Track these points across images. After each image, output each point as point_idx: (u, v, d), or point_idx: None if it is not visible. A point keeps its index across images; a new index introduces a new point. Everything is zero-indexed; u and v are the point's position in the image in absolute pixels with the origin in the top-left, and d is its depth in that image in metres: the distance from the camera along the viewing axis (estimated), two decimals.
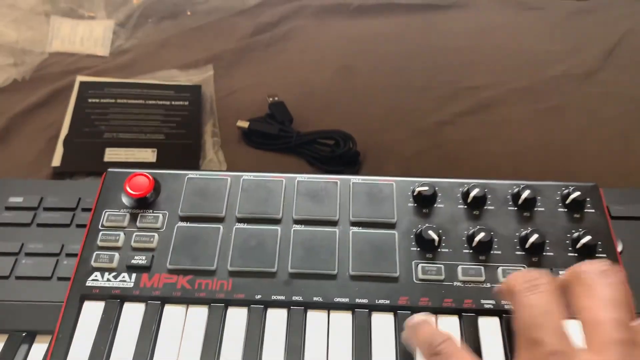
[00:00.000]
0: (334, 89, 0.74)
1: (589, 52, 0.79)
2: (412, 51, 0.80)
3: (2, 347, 0.44)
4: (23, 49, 0.79)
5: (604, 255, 0.41)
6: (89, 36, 0.81)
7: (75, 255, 0.46)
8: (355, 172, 0.65)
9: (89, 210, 0.49)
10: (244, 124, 0.68)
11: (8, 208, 0.51)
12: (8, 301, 0.45)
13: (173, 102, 0.72)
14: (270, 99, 0.70)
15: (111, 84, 0.73)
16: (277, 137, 0.67)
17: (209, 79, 0.76)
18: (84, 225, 0.46)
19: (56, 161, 0.64)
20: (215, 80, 0.76)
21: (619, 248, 0.45)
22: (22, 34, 0.80)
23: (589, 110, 0.72)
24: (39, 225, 0.50)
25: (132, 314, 0.39)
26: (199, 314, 0.39)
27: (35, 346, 0.44)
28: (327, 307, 0.40)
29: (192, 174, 0.46)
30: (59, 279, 0.46)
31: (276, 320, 0.39)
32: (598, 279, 0.32)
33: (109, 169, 0.46)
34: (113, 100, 0.71)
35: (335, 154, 0.66)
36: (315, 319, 0.39)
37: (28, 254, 0.48)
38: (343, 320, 0.39)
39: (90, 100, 0.71)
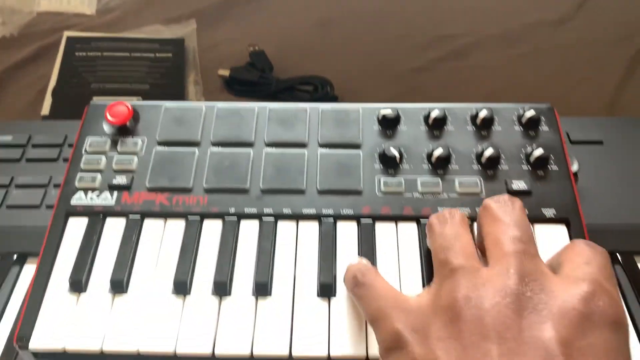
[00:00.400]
0: (313, 39, 0.77)
1: (563, 1, 0.81)
2: (389, 2, 0.82)
3: None
4: (11, 8, 0.81)
5: (556, 168, 0.44)
6: None
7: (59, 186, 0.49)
8: None
9: None
10: (225, 72, 0.70)
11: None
12: None
13: (157, 55, 0.74)
14: (251, 49, 0.73)
15: (97, 39, 0.75)
16: (257, 84, 0.70)
17: (192, 33, 0.78)
18: None
19: (45, 110, 0.67)
20: (198, 34, 0.78)
21: (575, 167, 0.48)
22: None
23: (560, 55, 0.74)
24: (27, 160, 0.53)
25: (114, 228, 0.42)
26: (177, 226, 0.42)
27: (26, 267, 0.47)
28: (296, 218, 0.42)
29: (168, 103, 0.48)
30: (47, 207, 0.49)
31: (249, 229, 0.42)
32: (500, 207, 0.35)
33: (91, 102, 0.49)
34: (99, 54, 0.73)
35: (314, 97, 0.68)
36: (284, 228, 0.42)
37: (18, 186, 0.50)
38: (310, 229, 0.42)
39: (77, 54, 0.73)
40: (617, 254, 0.47)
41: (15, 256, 0.47)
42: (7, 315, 0.44)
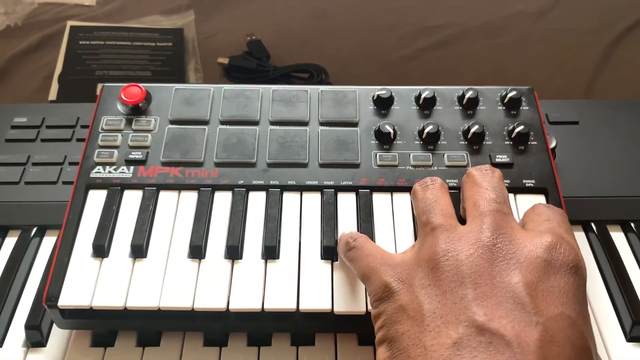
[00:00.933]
0: (308, 28, 0.80)
1: None
2: None
3: (16, 240, 0.50)
4: (13, 0, 0.83)
5: (535, 142, 0.48)
6: None
7: (77, 164, 0.52)
8: None
9: (87, 127, 0.55)
10: (224, 61, 0.74)
11: (14, 127, 0.56)
12: (19, 202, 0.51)
13: (158, 44, 0.77)
14: (249, 38, 0.76)
15: (100, 28, 0.78)
16: (255, 72, 0.74)
17: (191, 23, 0.81)
18: (83, 139, 0.52)
19: (52, 96, 0.70)
20: (197, 24, 0.81)
21: (553, 144, 0.52)
22: None
23: (541, 43, 0.79)
24: (42, 140, 0.56)
25: (131, 199, 0.46)
26: (190, 197, 0.46)
27: (45, 239, 0.50)
28: (300, 189, 0.46)
29: (179, 86, 0.52)
30: (64, 183, 0.52)
31: (256, 200, 0.46)
32: (480, 174, 0.39)
33: (105, 84, 0.52)
34: (102, 43, 0.76)
35: (309, 84, 0.72)
36: (289, 198, 0.46)
37: (35, 164, 0.54)
38: (313, 199, 0.46)
39: (81, 43, 0.76)
40: (592, 223, 0.51)
41: (35, 229, 0.50)
42: (31, 281, 0.47)
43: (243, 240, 0.44)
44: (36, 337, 0.43)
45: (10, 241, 0.50)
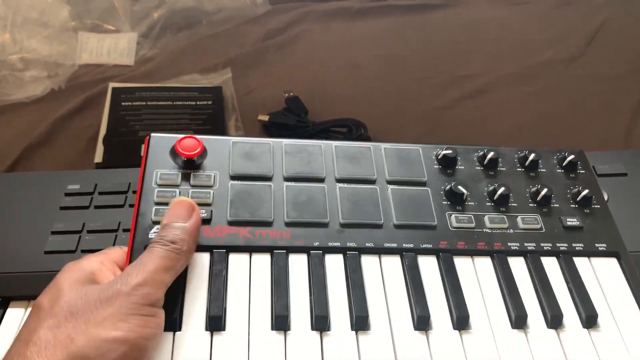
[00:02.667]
0: (342, 82, 0.82)
1: (572, 39, 0.87)
2: (412, 46, 0.87)
3: None
4: (56, 62, 0.86)
5: (598, 205, 0.49)
6: (115, 48, 0.89)
7: (128, 230, 0.53)
8: None
9: None
10: (265, 118, 0.75)
11: (67, 194, 0.58)
12: None
13: (198, 102, 0.79)
14: (286, 95, 0.78)
15: (141, 89, 0.80)
16: (294, 128, 0.75)
17: (228, 80, 0.83)
18: None
19: (98, 158, 0.71)
20: (234, 81, 0.83)
21: (605, 197, 0.53)
22: (54, 49, 0.87)
23: (574, 90, 0.80)
24: (96, 207, 0.57)
25: (199, 262, 0.44)
26: (263, 261, 0.45)
27: None
28: (378, 252, 0.46)
29: (235, 139, 0.51)
30: None
31: (334, 263, 0.45)
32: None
33: (152, 134, 0.50)
34: (144, 103, 0.78)
35: (349, 138, 0.73)
36: (368, 262, 0.45)
37: (90, 231, 0.54)
38: (393, 263, 0.45)
39: (123, 104, 0.78)
40: None
41: None
42: None
43: (329, 309, 0.43)
44: None
45: None
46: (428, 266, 0.45)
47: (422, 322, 0.42)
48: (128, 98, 0.79)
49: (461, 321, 0.42)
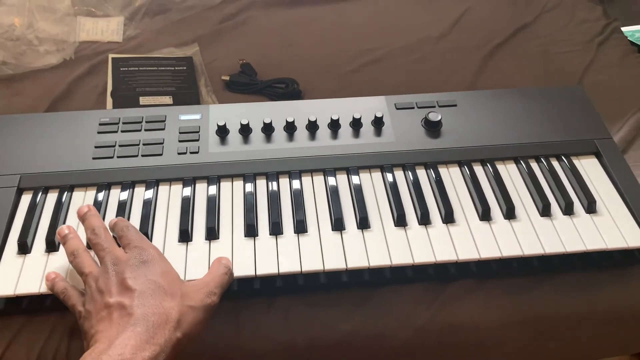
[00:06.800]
0: (281, 53, 1.14)
1: (443, 22, 1.22)
2: (330, 28, 1.20)
3: (120, 190, 0.80)
4: (62, 40, 1.13)
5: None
6: (107, 29, 1.17)
7: (147, 144, 0.83)
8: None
9: (151, 122, 0.86)
10: (226, 77, 1.06)
11: (101, 124, 0.87)
12: (115, 168, 0.82)
13: (176, 68, 1.09)
14: (241, 61, 1.09)
15: (133, 58, 1.09)
16: (248, 84, 1.06)
17: (197, 52, 1.13)
18: (148, 129, 0.84)
19: (109, 106, 1.00)
20: (201, 53, 1.13)
21: (439, 118, 0.87)
22: (60, 29, 1.14)
23: (441, 58, 1.15)
24: (122, 131, 0.86)
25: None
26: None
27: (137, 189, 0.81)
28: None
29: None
30: (142, 155, 0.83)
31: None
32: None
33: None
34: (137, 68, 1.07)
35: (286, 92, 1.05)
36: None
37: (120, 145, 0.84)
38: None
39: (121, 69, 1.07)
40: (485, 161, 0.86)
41: (130, 183, 0.81)
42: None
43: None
44: None
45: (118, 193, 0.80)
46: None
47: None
48: (124, 65, 1.08)
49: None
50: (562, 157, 0.85)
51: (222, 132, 0.85)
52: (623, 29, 1.23)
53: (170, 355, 0.55)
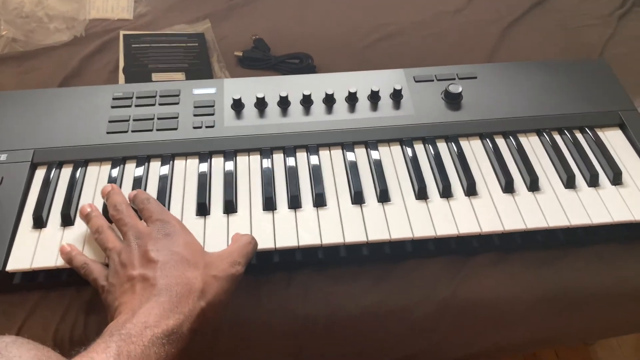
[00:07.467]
0: (294, 28, 1.12)
1: None
2: (344, 3, 1.18)
3: (136, 164, 0.79)
4: (72, 17, 1.12)
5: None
6: (117, 5, 1.15)
7: (162, 118, 0.82)
8: None
9: (165, 96, 0.85)
10: (239, 53, 1.05)
11: (115, 98, 0.85)
12: (129, 142, 0.80)
13: (187, 44, 1.07)
14: (254, 37, 1.07)
15: (145, 35, 1.07)
16: (261, 60, 1.04)
17: (209, 29, 1.11)
18: (162, 104, 0.83)
19: (120, 83, 0.99)
20: (212, 29, 1.12)
21: (460, 90, 0.85)
22: (70, 7, 1.13)
23: (458, 33, 1.13)
24: (136, 106, 0.84)
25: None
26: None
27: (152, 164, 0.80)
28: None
29: None
30: (157, 130, 0.81)
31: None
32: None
33: None
34: (148, 45, 1.06)
35: (300, 67, 1.03)
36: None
37: (135, 120, 0.82)
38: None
39: (133, 46, 1.05)
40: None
41: (146, 157, 0.80)
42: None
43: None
44: None
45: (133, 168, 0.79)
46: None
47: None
48: (136, 41, 1.06)
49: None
50: (586, 129, 0.83)
51: (238, 106, 0.84)
52: None
53: (195, 324, 0.54)
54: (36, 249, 0.68)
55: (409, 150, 0.80)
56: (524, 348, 0.86)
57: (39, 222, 0.71)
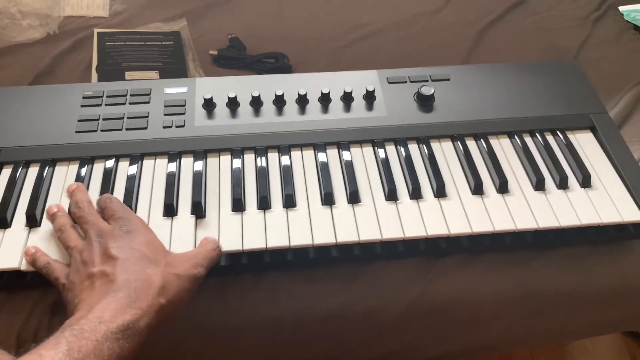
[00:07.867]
0: (271, 28, 1.11)
1: None
2: (322, 2, 1.18)
3: (104, 167, 0.78)
4: (45, 14, 1.10)
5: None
6: (92, 3, 1.14)
7: (132, 117, 0.81)
8: None
9: (135, 95, 0.84)
10: (214, 52, 1.04)
11: (85, 97, 0.84)
12: (98, 142, 0.79)
13: (163, 43, 1.06)
14: (230, 36, 1.06)
15: (119, 33, 1.06)
16: (236, 59, 1.04)
17: (185, 27, 1.10)
18: (133, 103, 0.82)
19: (93, 81, 0.98)
20: (189, 27, 1.11)
21: (431, 92, 0.85)
22: (43, 3, 1.11)
23: (435, 33, 1.13)
24: (106, 105, 0.83)
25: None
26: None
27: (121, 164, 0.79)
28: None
29: None
30: (127, 129, 0.80)
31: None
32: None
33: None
34: (123, 43, 1.04)
35: (276, 66, 1.03)
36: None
37: (104, 119, 0.81)
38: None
39: (107, 44, 1.04)
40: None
41: (113, 158, 0.79)
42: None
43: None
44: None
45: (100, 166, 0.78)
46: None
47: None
48: (110, 39, 1.05)
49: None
50: (557, 132, 0.84)
51: (209, 105, 0.83)
52: (619, 8, 1.21)
53: (154, 320, 0.54)
54: None
55: (380, 152, 0.80)
56: (497, 349, 0.87)
57: (3, 223, 0.70)
